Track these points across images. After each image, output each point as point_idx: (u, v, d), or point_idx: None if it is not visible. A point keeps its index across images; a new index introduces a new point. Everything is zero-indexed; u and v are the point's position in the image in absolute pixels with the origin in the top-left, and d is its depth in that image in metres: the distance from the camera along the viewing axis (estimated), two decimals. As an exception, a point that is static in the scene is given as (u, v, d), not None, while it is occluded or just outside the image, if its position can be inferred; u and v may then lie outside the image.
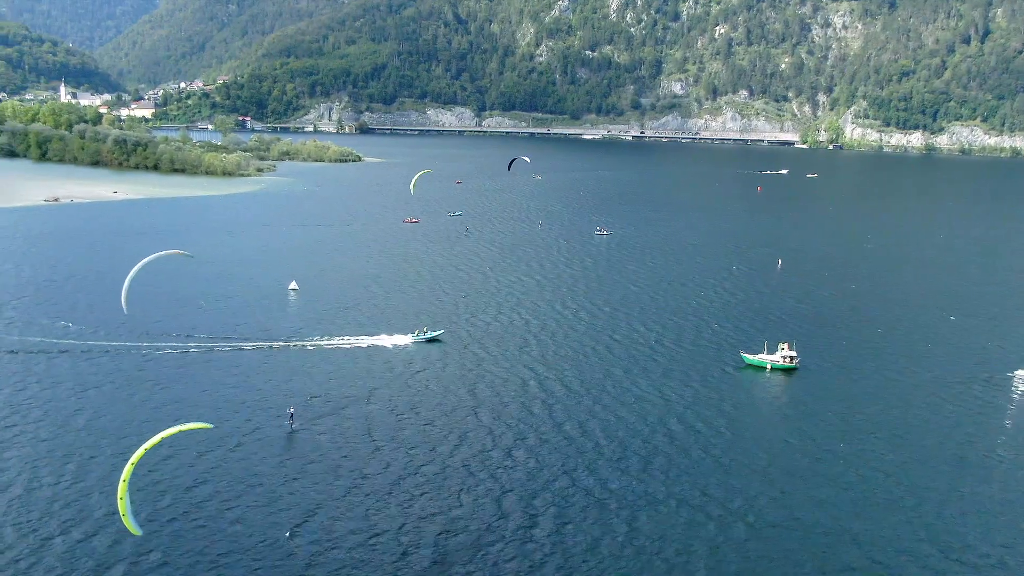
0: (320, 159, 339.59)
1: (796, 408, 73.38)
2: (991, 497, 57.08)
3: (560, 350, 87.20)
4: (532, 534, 50.58)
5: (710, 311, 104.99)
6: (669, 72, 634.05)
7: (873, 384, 79.27)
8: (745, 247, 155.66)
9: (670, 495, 55.69)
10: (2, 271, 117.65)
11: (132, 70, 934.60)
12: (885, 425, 68.89)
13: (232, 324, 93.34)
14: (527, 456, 61.35)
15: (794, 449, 64.03)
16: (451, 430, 66.02)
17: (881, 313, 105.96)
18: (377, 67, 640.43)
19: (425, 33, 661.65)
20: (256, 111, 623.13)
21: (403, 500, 54.27)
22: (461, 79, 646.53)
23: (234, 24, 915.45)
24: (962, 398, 76.01)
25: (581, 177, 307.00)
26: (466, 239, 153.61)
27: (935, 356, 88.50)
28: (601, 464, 60.11)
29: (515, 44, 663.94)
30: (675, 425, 67.71)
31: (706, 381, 78.59)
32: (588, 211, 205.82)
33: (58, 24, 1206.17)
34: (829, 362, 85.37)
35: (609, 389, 75.85)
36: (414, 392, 74.25)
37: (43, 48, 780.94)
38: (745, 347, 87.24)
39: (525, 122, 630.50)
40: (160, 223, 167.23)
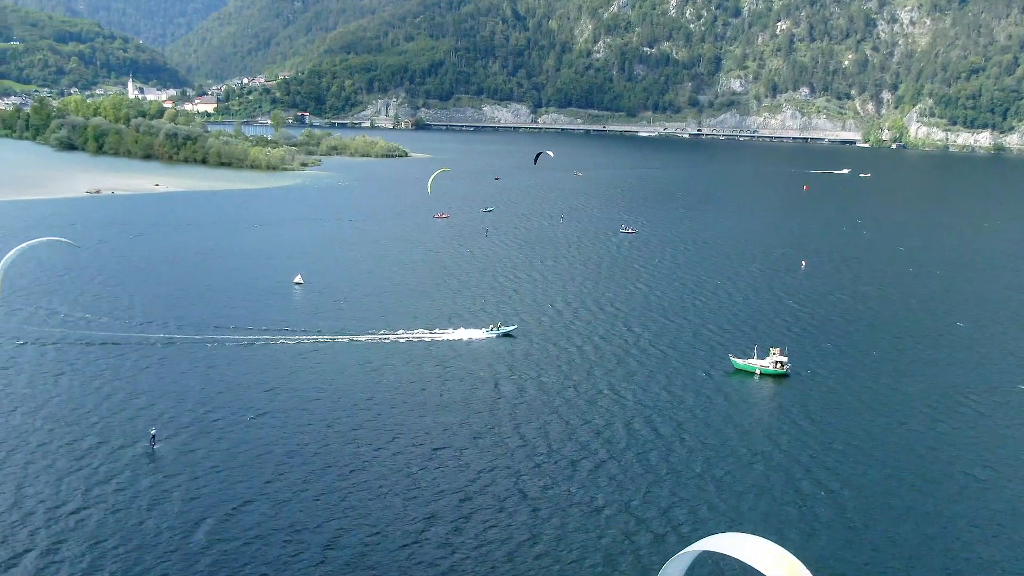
0: (367, 154, 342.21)
1: (780, 418, 70.17)
2: (986, 520, 53.92)
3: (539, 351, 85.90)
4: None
5: (713, 312, 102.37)
6: (728, 69, 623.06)
7: (865, 395, 75.74)
8: (772, 247, 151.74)
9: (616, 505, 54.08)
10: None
11: (200, 66, 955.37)
12: (871, 440, 65.29)
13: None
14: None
15: (770, 464, 60.84)
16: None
17: (891, 319, 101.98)
18: (434, 63, 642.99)
19: (483, 29, 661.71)
20: (315, 107, 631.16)
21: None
22: (517, 75, 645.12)
23: (299, 21, 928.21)
24: (959, 412, 72.12)
25: (628, 174, 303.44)
26: (485, 238, 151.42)
27: (938, 366, 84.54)
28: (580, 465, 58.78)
29: (572, 40, 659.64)
30: (648, 433, 65.53)
31: (689, 386, 76.32)
32: (622, 209, 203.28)
33: (132, 21, 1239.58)
34: (824, 369, 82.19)
35: (596, 391, 74.32)
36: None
37: (114, 45, 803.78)
38: (736, 351, 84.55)
39: (581, 119, 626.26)
40: (189, 215, 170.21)
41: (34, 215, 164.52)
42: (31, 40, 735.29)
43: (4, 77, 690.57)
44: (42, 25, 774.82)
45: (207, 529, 49.08)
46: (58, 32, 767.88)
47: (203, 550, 46.87)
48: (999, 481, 58.95)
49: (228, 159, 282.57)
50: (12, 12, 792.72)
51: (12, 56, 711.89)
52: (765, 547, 28.61)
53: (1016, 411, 72.69)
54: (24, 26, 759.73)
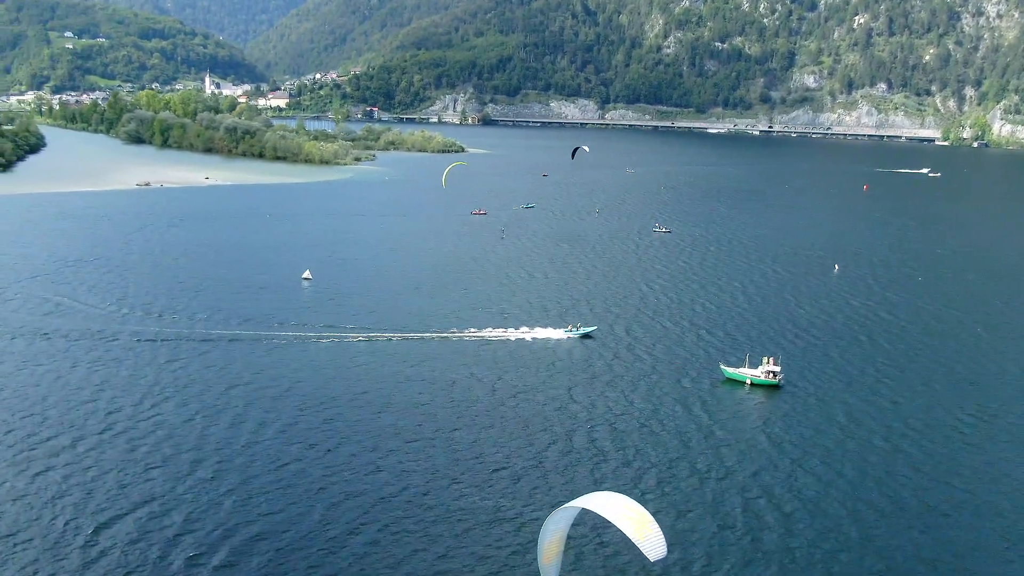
0: (423, 149, 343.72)
1: (760, 434, 65.92)
2: (983, 553, 50.41)
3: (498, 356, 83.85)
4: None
5: (718, 317, 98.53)
6: (802, 64, 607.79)
7: (861, 412, 70.43)
8: (808, 248, 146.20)
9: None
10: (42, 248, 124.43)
11: (278, 62, 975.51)
12: (854, 465, 60.52)
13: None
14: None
15: (732, 483, 57.47)
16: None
17: (907, 328, 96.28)
18: (503, 59, 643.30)
19: (552, 24, 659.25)
20: (384, 102, 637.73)
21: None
22: (586, 71, 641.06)
23: (374, 17, 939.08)
24: (962, 435, 66.73)
25: (685, 171, 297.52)
26: (501, 239, 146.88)
27: (948, 382, 78.95)
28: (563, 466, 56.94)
29: (643, 36, 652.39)
30: (612, 443, 62.99)
31: (672, 395, 72.91)
32: (665, 206, 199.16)
33: (216, 18, 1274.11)
34: (821, 381, 77.44)
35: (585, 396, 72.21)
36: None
37: (195, 41, 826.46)
38: (732, 358, 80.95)
39: (649, 115, 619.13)
40: (224, 208, 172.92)
41: (77, 206, 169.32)
42: (116, 37, 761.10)
43: (90, 72, 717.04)
44: (128, 22, 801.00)
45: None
46: (142, 29, 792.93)
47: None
48: (997, 513, 54.61)
49: (284, 153, 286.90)
50: (101, 10, 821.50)
51: (98, 52, 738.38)
52: (623, 502, 33.35)
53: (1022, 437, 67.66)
54: (111, 23, 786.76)
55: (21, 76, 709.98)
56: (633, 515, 32.39)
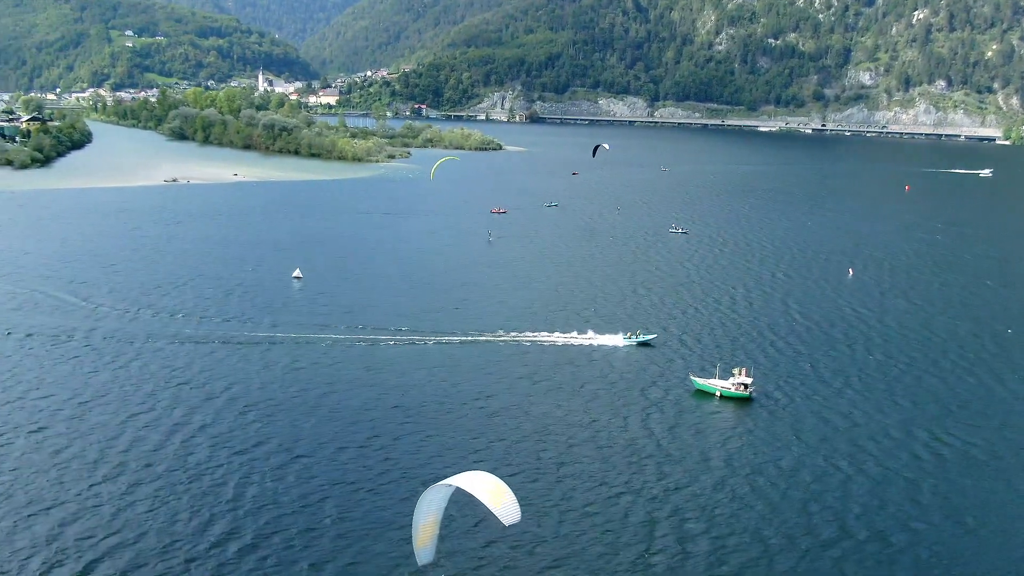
0: (461, 147, 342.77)
1: (726, 449, 62.48)
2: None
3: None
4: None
5: (705, 323, 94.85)
6: (858, 61, 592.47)
7: (836, 429, 66.00)
8: (825, 251, 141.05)
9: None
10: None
11: (333, 59, 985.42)
12: (820, 483, 57.09)
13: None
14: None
15: (698, 503, 54.40)
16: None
17: (904, 338, 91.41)
18: (552, 56, 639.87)
19: (602, 21, 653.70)
20: (432, 99, 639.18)
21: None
22: (635, 68, 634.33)
23: (428, 14, 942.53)
24: (949, 457, 62.23)
25: (724, 170, 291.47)
26: (489, 244, 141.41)
27: (936, 397, 74.40)
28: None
29: (694, 32, 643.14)
30: (565, 456, 60.59)
31: (641, 406, 69.59)
32: (691, 205, 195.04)
33: (275, 17, 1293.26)
34: (798, 394, 73.01)
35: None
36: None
37: (251, 39, 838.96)
38: (704, 368, 77.56)
39: (699, 113, 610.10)
40: (245, 205, 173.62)
41: (97, 201, 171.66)
42: (175, 35, 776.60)
43: (149, 70, 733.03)
44: (186, 21, 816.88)
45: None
46: (200, 27, 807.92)
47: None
48: (982, 546, 50.97)
49: (318, 150, 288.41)
50: (160, 9, 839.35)
51: (156, 50, 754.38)
52: (483, 477, 36.47)
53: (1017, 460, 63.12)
54: (169, 22, 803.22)
55: (83, 74, 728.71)
56: (491, 487, 35.60)
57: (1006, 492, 56.89)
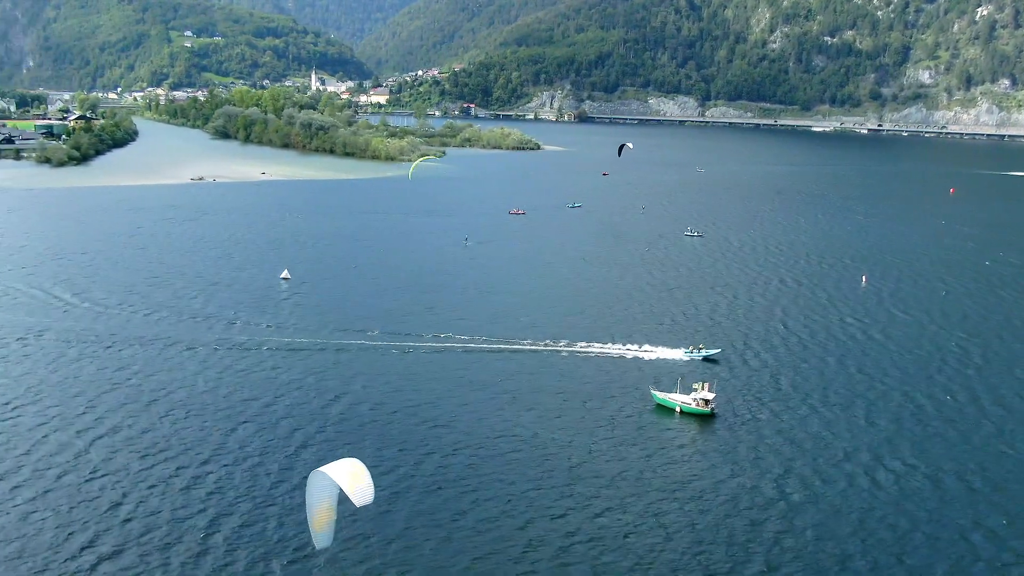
0: (498, 146, 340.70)
1: (676, 470, 58.70)
2: None
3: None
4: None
5: (685, 332, 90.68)
6: (917, 59, 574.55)
7: (806, 449, 61.78)
8: (842, 256, 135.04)
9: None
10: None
11: (388, 59, 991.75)
12: (772, 511, 53.30)
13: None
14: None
15: (624, 535, 51.50)
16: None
17: (902, 354, 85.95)
18: (602, 55, 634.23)
19: (654, 20, 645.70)
20: (481, 99, 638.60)
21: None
22: (687, 67, 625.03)
23: (483, 14, 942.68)
24: (923, 491, 57.53)
25: (763, 171, 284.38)
26: (464, 247, 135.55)
27: (918, 418, 69.27)
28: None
29: (748, 30, 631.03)
30: (515, 470, 57.68)
31: (597, 420, 65.87)
32: (716, 207, 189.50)
33: (334, 17, 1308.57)
34: (766, 412, 67.99)
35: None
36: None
37: (306, 39, 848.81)
38: (666, 381, 73.37)
39: (751, 112, 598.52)
40: (261, 204, 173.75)
41: (117, 199, 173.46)
42: (232, 35, 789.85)
43: (206, 70, 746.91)
44: (243, 21, 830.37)
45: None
46: (257, 28, 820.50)
47: None
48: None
49: (352, 149, 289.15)
50: (219, 10, 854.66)
51: (214, 50, 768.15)
52: (349, 463, 38.62)
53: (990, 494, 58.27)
54: (227, 22, 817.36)
55: (143, 73, 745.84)
56: (352, 470, 37.88)
57: (966, 522, 52.28)
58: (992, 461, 60.98)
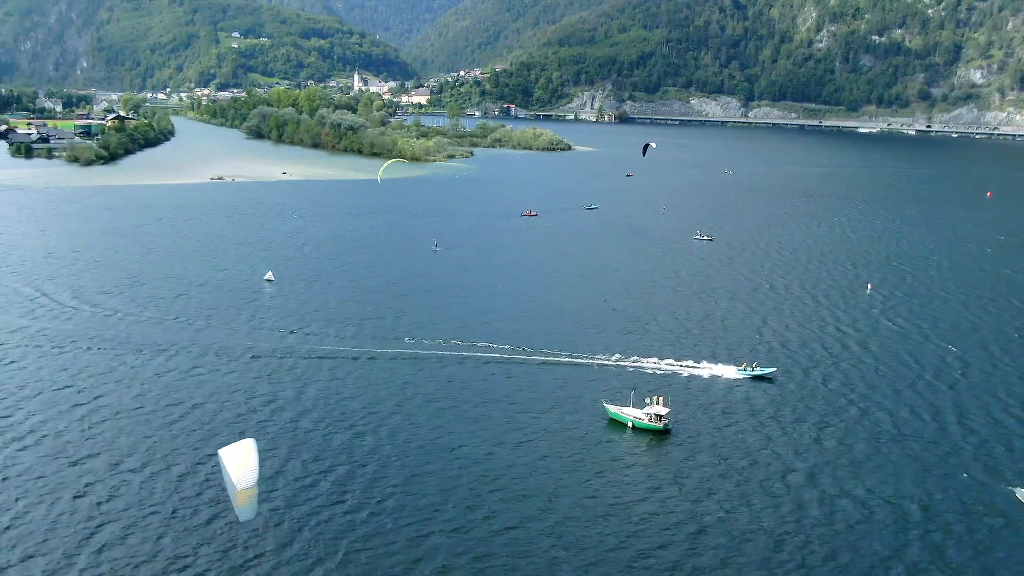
0: (529, 147, 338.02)
1: (614, 492, 55.35)
2: None
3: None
4: None
5: (659, 340, 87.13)
6: (968, 59, 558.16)
7: (754, 474, 58.05)
8: (851, 262, 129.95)
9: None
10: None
11: (434, 59, 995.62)
12: (729, 537, 50.49)
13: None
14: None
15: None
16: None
17: (887, 371, 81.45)
18: (644, 55, 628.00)
19: (697, 19, 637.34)
20: (522, 99, 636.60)
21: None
22: (730, 67, 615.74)
23: (528, 14, 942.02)
24: (891, 517, 54.44)
25: (796, 172, 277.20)
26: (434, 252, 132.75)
27: (895, 443, 65.28)
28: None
29: (794, 29, 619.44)
30: (446, 483, 55.38)
31: (543, 434, 62.91)
32: (735, 210, 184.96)
33: (382, 18, 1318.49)
34: (725, 426, 65.23)
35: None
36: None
37: (351, 40, 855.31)
38: (620, 394, 69.88)
39: (795, 113, 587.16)
40: (272, 204, 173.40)
41: (130, 198, 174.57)
42: (278, 36, 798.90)
43: (252, 70, 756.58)
44: (290, 22, 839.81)
45: None
46: (303, 29, 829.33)
47: None
48: None
49: (379, 149, 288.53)
50: (267, 11, 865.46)
51: (260, 51, 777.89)
52: (242, 443, 39.27)
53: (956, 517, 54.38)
54: (274, 23, 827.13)
55: (191, 74, 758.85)
56: (244, 452, 38.26)
57: (924, 557, 48.52)
58: (963, 490, 56.88)
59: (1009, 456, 61.87)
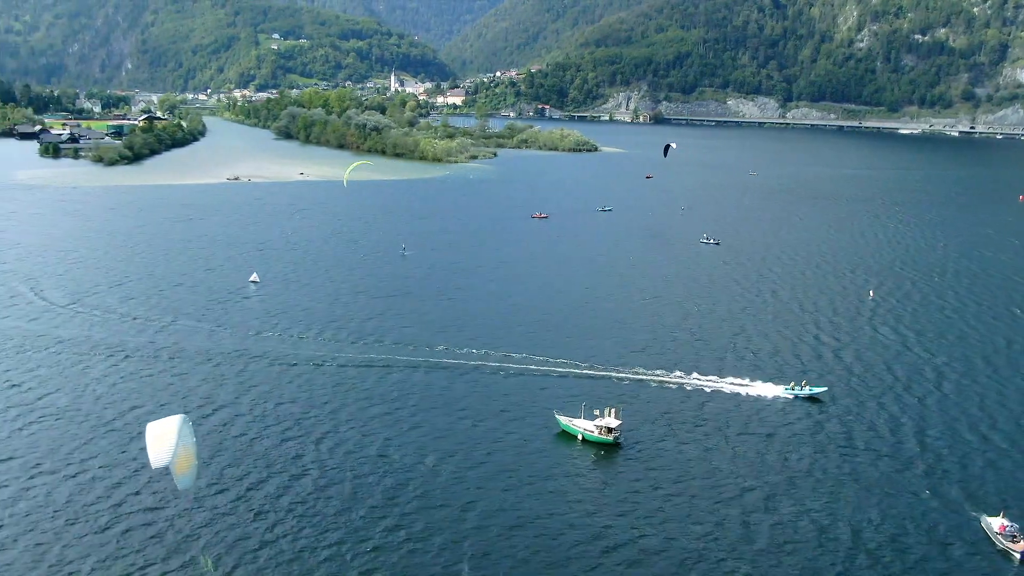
0: (555, 148, 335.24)
1: (562, 510, 53.16)
2: None
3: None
4: None
5: (633, 350, 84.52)
6: (1015, 58, 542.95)
7: (702, 490, 55.61)
8: (859, 267, 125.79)
9: None
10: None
11: (473, 60, 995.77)
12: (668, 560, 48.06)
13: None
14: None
15: None
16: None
17: (860, 376, 78.05)
18: (680, 55, 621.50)
19: (736, 19, 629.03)
20: (556, 100, 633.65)
21: None
22: (768, 67, 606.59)
23: (568, 15, 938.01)
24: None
25: (823, 174, 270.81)
26: (402, 257, 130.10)
27: (872, 461, 62.41)
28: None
29: (834, 29, 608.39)
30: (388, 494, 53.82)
31: (492, 446, 60.83)
32: (751, 213, 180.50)
33: (424, 19, 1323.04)
34: (675, 443, 61.88)
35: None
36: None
37: (390, 41, 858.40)
38: (571, 405, 67.21)
39: (834, 114, 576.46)
40: (279, 204, 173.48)
41: (136, 198, 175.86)
42: (317, 38, 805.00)
43: (291, 72, 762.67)
44: (329, 24, 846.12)
45: None
46: (342, 30, 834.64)
47: None
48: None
49: (402, 150, 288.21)
50: (307, 12, 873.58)
51: (299, 52, 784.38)
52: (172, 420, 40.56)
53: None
54: (314, 25, 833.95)
55: (231, 75, 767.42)
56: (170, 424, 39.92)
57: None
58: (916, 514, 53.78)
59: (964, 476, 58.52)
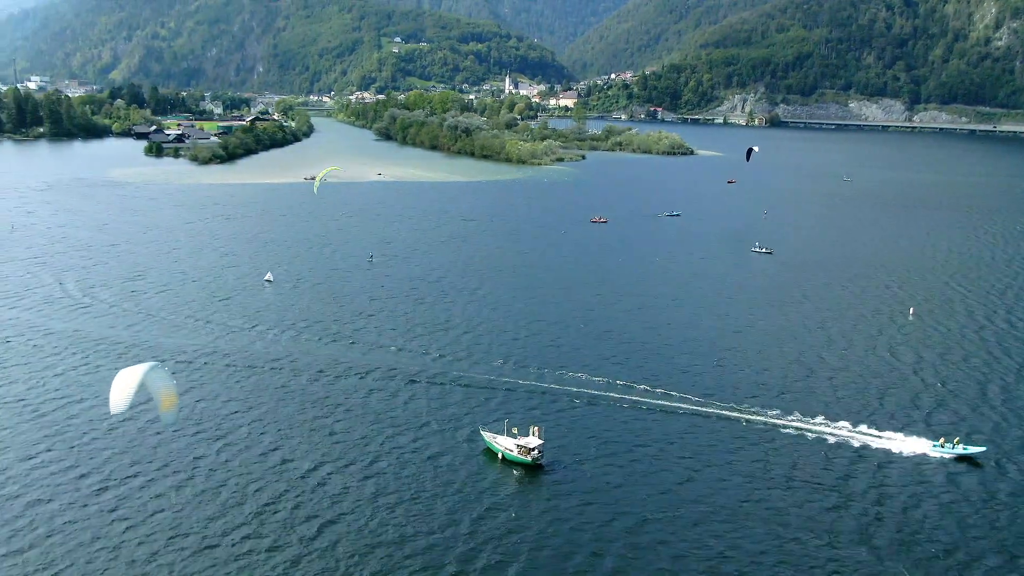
0: (648, 151, 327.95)
1: (477, 534, 51.31)
2: None
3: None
4: None
5: (613, 364, 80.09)
6: None
7: (631, 512, 52.23)
8: (917, 281, 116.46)
9: None
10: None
11: (593, 62, 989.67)
12: None
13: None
14: None
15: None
16: None
17: (840, 398, 71.38)
18: (800, 56, 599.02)
19: (861, 17, 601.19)
20: (670, 102, 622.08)
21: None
22: (894, 68, 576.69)
23: (690, 16, 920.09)
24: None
25: (927, 180, 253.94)
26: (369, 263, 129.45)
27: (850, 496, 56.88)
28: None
29: (969, 27, 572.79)
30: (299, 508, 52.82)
31: (411, 461, 58.60)
32: (816, 222, 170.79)
33: (548, 21, 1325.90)
34: (606, 464, 58.21)
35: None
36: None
37: (508, 43, 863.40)
38: (494, 421, 63.80)
39: (966, 117, 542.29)
40: (342, 206, 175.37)
41: (209, 195, 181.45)
42: (437, 41, 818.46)
43: (410, 74, 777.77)
44: (450, 27, 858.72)
45: None
46: (463, 33, 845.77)
47: None
48: None
49: (488, 152, 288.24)
50: (429, 16, 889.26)
51: (418, 56, 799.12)
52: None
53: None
54: (435, 28, 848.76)
55: (353, 78, 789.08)
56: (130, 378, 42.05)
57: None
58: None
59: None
